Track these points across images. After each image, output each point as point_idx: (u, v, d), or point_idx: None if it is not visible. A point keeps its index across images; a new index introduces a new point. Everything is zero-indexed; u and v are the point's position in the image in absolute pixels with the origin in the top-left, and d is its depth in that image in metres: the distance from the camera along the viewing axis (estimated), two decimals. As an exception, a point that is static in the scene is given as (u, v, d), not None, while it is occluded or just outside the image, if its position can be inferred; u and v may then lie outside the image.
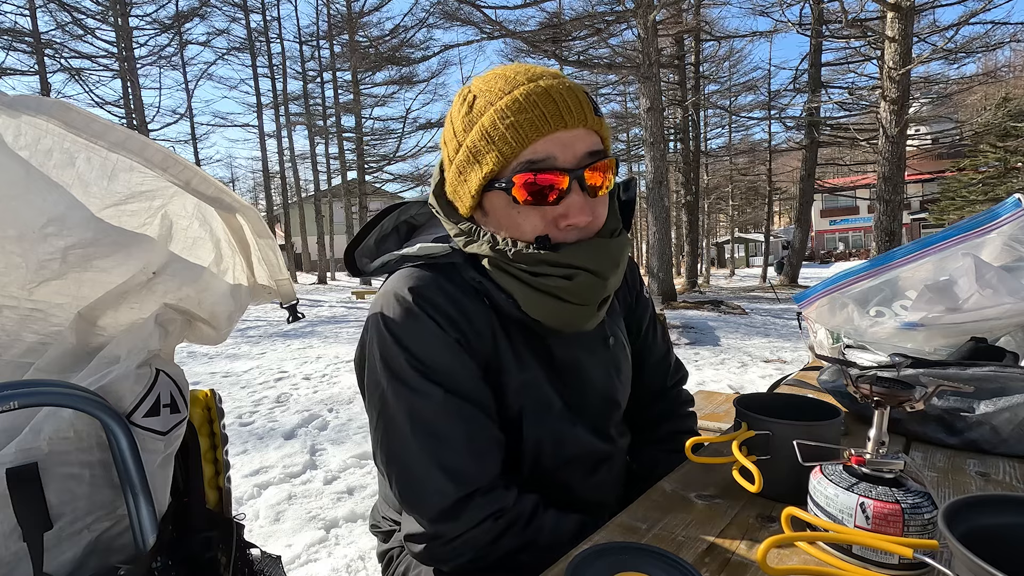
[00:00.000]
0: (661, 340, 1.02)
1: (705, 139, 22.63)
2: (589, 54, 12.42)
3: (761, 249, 30.24)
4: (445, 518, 0.69)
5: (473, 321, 0.75)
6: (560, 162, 0.69)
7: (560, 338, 0.80)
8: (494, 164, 0.69)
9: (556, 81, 0.70)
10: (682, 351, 6.15)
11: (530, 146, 0.68)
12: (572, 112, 0.68)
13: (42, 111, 0.59)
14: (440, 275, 0.76)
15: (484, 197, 0.74)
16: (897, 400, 0.58)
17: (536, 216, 0.71)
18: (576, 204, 0.70)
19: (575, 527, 0.73)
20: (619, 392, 0.88)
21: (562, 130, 0.68)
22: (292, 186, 26.01)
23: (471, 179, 0.73)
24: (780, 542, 0.50)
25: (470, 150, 0.72)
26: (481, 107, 0.71)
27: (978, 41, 12.00)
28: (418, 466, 0.70)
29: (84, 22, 16.19)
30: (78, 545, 0.63)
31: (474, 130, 0.71)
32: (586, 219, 0.71)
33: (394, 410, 0.71)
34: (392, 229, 0.89)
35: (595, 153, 0.71)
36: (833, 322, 1.29)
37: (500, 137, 0.69)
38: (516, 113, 0.68)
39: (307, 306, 12.01)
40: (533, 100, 0.68)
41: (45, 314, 0.71)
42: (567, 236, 0.72)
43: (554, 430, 0.79)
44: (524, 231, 0.72)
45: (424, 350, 0.71)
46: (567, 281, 0.71)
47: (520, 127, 0.68)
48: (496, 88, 0.71)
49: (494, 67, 0.76)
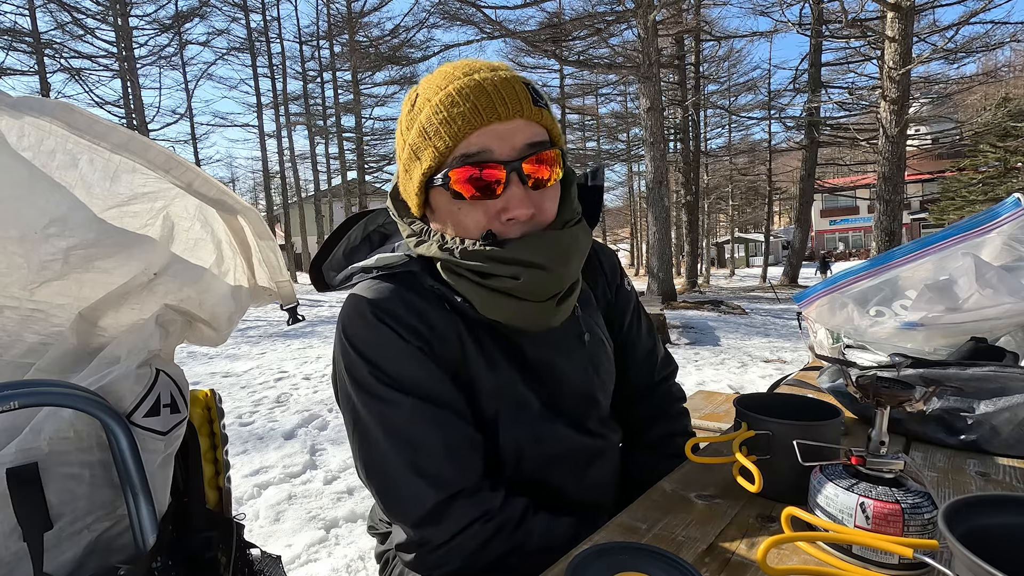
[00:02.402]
0: (647, 334, 0.99)
1: (705, 139, 22.64)
2: (589, 54, 12.42)
3: (761, 249, 30.24)
4: (429, 523, 0.68)
5: (436, 328, 0.73)
6: (496, 154, 0.67)
7: (531, 338, 0.78)
8: (431, 160, 0.69)
9: (492, 73, 0.68)
10: (682, 351, 6.15)
11: (464, 140, 0.67)
12: (507, 103, 0.66)
13: (45, 112, 0.59)
14: (400, 285, 0.74)
15: (429, 195, 0.74)
16: (897, 400, 0.58)
17: (478, 211, 0.70)
18: (516, 197, 0.68)
19: (567, 530, 0.72)
20: (598, 389, 0.85)
21: (496, 122, 0.67)
22: (292, 186, 26.02)
23: (414, 176, 0.72)
24: (780, 542, 0.50)
25: (412, 148, 0.71)
26: (420, 104, 0.70)
27: (978, 41, 12.02)
28: (396, 475, 0.69)
29: (84, 22, 16.22)
30: (78, 545, 0.63)
31: (414, 128, 0.70)
32: (527, 212, 0.69)
33: (367, 422, 0.70)
34: (363, 240, 0.87)
35: (536, 144, 0.69)
36: (833, 322, 1.29)
37: (435, 132, 0.68)
38: (448, 108, 0.66)
39: (307, 306, 12.00)
40: (465, 93, 0.66)
41: (46, 314, 0.71)
42: (510, 231, 0.70)
43: (532, 429, 0.77)
44: (468, 227, 0.71)
45: (387, 361, 0.70)
46: (514, 280, 0.69)
47: (452, 121, 0.66)
48: (434, 85, 0.70)
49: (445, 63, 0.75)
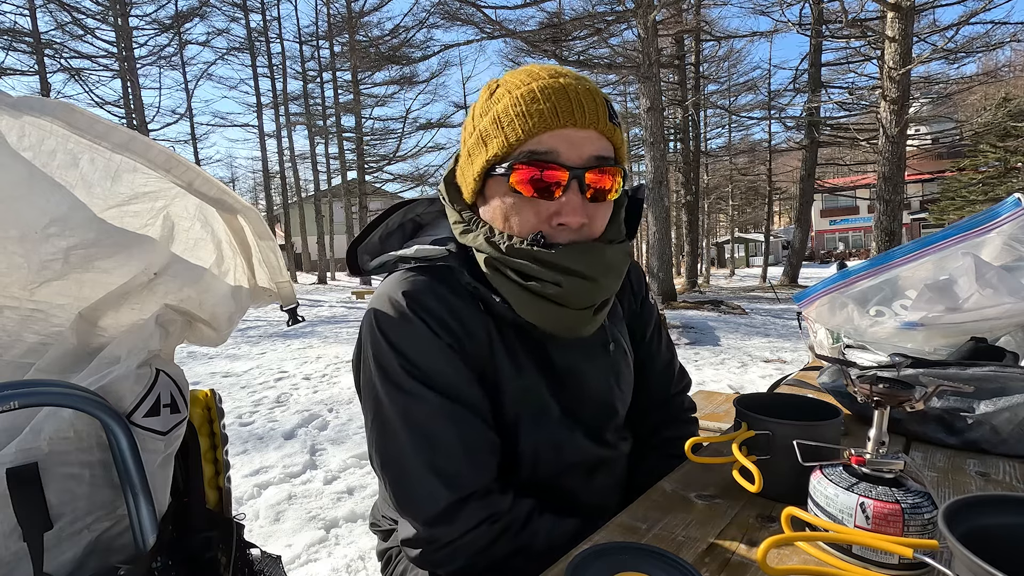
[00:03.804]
0: (665, 347, 1.01)
1: (705, 139, 22.62)
2: (589, 54, 12.40)
3: (761, 249, 30.23)
4: (440, 522, 0.68)
5: (468, 325, 0.74)
6: (563, 158, 0.68)
7: (559, 343, 0.79)
8: (498, 149, 0.70)
9: (576, 81, 0.71)
10: (682, 351, 6.15)
11: (535, 137, 0.68)
12: (585, 111, 0.68)
13: (46, 112, 0.59)
14: (435, 279, 0.75)
15: (486, 184, 0.75)
16: (897, 400, 0.58)
17: (531, 210, 0.71)
18: (572, 203, 0.69)
19: (572, 532, 0.72)
20: (618, 399, 0.87)
21: (571, 127, 0.68)
22: (292, 186, 26.01)
23: (476, 162, 0.74)
24: (780, 542, 0.50)
25: (481, 133, 0.73)
26: (500, 95, 0.72)
27: (978, 41, 11.98)
28: (413, 470, 0.69)
29: (84, 22, 16.21)
30: (78, 545, 0.63)
31: (488, 115, 0.72)
32: (579, 220, 0.70)
33: (389, 413, 0.71)
34: (397, 226, 0.88)
35: (603, 158, 0.70)
36: (833, 322, 1.29)
37: (509, 123, 0.69)
38: (529, 103, 0.68)
39: (307, 306, 12.00)
40: (548, 93, 0.68)
41: (46, 314, 0.71)
42: (559, 236, 0.71)
43: (552, 436, 0.78)
44: (519, 224, 0.72)
45: (417, 354, 0.71)
46: (557, 288, 0.70)
47: (530, 116, 0.68)
48: (518, 80, 0.72)
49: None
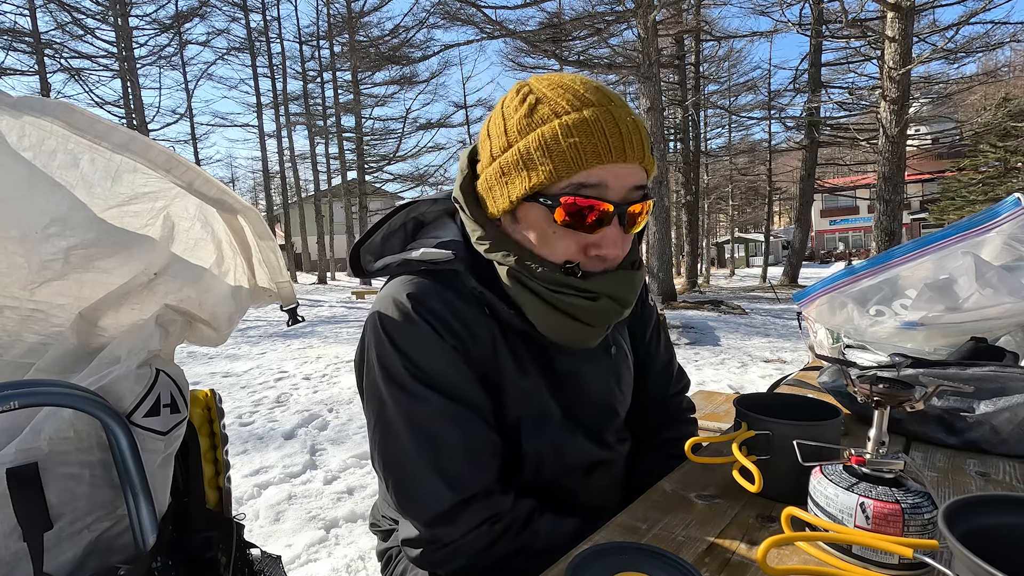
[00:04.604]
0: (664, 349, 1.02)
1: (705, 139, 22.62)
2: (589, 54, 12.39)
3: (761, 249, 30.23)
4: (442, 523, 0.69)
5: (472, 329, 0.74)
6: (610, 193, 0.68)
7: (562, 348, 0.80)
8: (545, 177, 0.67)
9: (624, 111, 0.69)
10: (682, 351, 6.15)
11: (587, 170, 0.67)
12: (634, 148, 0.68)
13: (46, 112, 0.59)
14: (440, 283, 0.75)
15: (521, 205, 0.72)
16: (897, 400, 0.58)
17: (570, 240, 0.70)
18: (612, 236, 0.70)
19: (572, 532, 0.73)
20: (618, 401, 0.88)
21: (621, 163, 0.68)
22: (292, 186, 26.03)
23: (515, 183, 0.71)
24: (780, 542, 0.50)
25: (522, 154, 0.69)
26: (544, 115, 0.69)
27: (978, 41, 11.99)
28: (415, 471, 0.70)
29: (84, 22, 16.22)
30: (78, 545, 0.63)
31: (532, 136, 0.68)
32: (617, 253, 0.71)
33: (392, 414, 0.71)
34: (399, 227, 0.87)
35: (639, 188, 0.71)
36: (833, 321, 1.29)
37: (559, 154, 0.66)
38: (583, 135, 0.66)
39: (307, 306, 12.00)
40: (601, 127, 0.66)
41: (46, 315, 0.71)
42: (594, 265, 0.72)
43: (553, 439, 0.79)
44: (554, 251, 0.71)
45: (421, 356, 0.71)
46: (590, 303, 0.71)
47: (583, 149, 0.66)
48: (563, 101, 0.69)
49: (557, 73, 0.75)
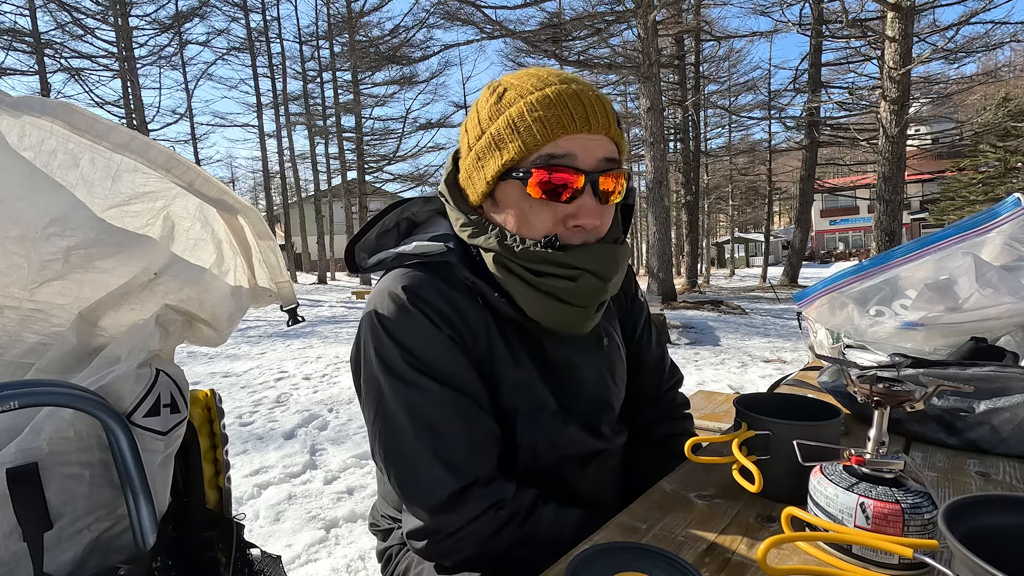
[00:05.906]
0: (656, 344, 1.03)
1: (705, 139, 22.61)
2: (589, 54, 12.40)
3: (761, 249, 30.24)
4: (445, 510, 0.69)
5: (467, 319, 0.76)
6: (579, 162, 0.71)
7: (554, 338, 0.81)
8: (515, 153, 0.71)
9: (586, 87, 0.73)
10: (682, 351, 6.15)
11: (554, 141, 0.70)
12: (598, 118, 0.71)
13: (46, 112, 0.59)
14: (434, 274, 0.76)
15: (498, 187, 0.75)
16: (897, 400, 0.58)
17: (547, 213, 0.73)
18: (587, 206, 0.72)
19: (575, 522, 0.73)
20: (612, 394, 0.89)
21: (586, 133, 0.71)
22: (292, 186, 26.00)
23: (489, 165, 0.74)
24: (780, 542, 0.50)
25: (493, 137, 0.73)
26: (511, 98, 0.73)
27: (978, 41, 11.98)
28: (417, 459, 0.70)
29: (84, 22, 16.20)
30: (78, 545, 0.63)
31: (500, 119, 0.73)
32: (595, 222, 0.73)
33: (392, 405, 0.72)
34: (393, 225, 0.90)
35: (611, 160, 0.73)
36: (833, 322, 1.29)
37: (526, 128, 0.70)
38: (546, 108, 0.70)
39: (307, 306, 12.01)
40: (563, 99, 0.70)
41: (46, 315, 0.71)
42: (573, 237, 0.74)
43: (548, 429, 0.80)
44: (534, 226, 0.73)
45: (419, 346, 0.72)
46: (570, 283, 0.73)
47: (548, 121, 0.69)
48: (528, 84, 0.73)
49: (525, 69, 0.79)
